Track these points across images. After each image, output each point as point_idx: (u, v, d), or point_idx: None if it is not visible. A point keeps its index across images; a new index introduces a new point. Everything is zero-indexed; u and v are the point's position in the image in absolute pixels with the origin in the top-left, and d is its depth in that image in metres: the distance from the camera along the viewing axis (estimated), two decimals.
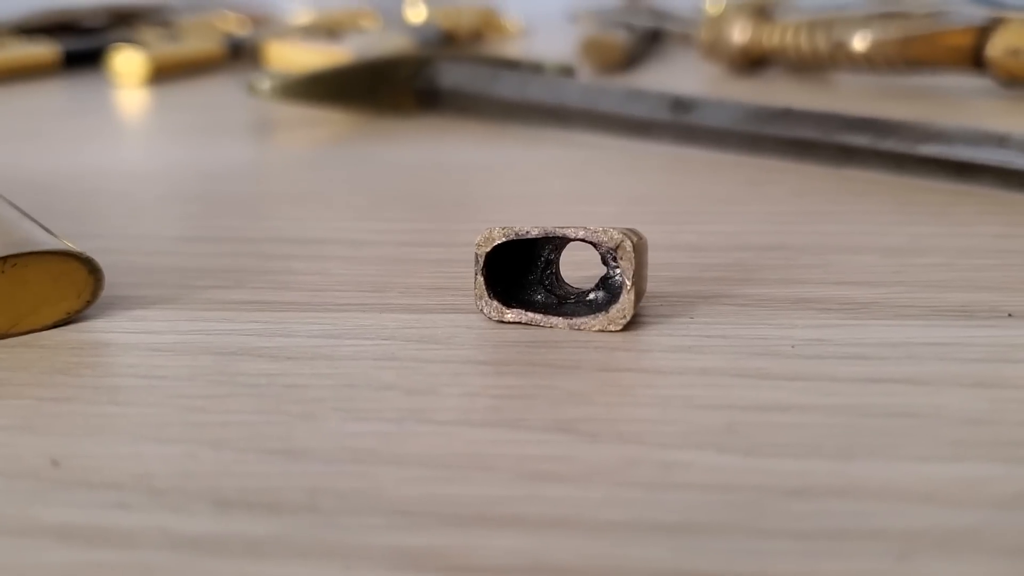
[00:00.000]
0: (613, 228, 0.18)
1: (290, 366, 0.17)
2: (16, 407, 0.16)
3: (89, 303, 0.19)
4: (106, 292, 0.20)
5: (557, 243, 0.19)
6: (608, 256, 0.19)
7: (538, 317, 0.19)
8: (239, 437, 0.15)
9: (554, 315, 0.19)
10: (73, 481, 0.13)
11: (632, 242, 0.18)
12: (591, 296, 0.19)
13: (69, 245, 0.19)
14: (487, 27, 0.80)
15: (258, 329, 0.19)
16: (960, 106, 0.43)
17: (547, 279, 0.19)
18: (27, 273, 0.18)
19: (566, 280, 0.20)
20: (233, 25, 0.77)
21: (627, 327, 0.18)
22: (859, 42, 0.47)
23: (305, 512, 0.13)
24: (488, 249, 0.18)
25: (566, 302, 0.19)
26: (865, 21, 0.48)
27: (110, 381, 0.16)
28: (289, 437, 0.14)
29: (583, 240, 0.18)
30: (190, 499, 0.13)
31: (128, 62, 0.57)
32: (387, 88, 0.42)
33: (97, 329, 0.19)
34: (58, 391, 0.16)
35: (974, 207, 0.26)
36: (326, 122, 0.42)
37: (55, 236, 0.19)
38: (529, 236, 0.18)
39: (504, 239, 0.18)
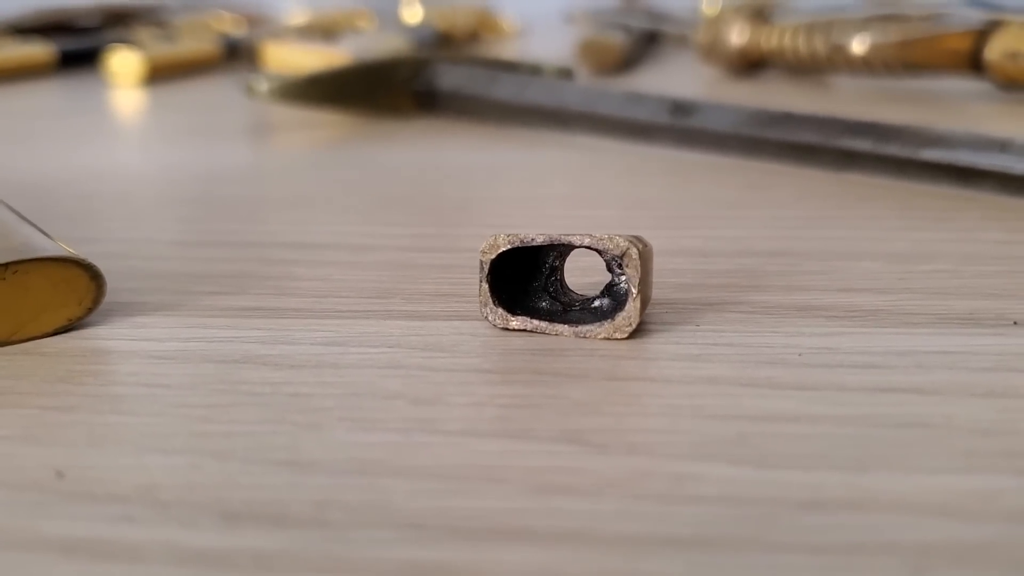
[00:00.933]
0: (619, 235, 0.18)
1: (294, 374, 0.17)
2: (18, 416, 0.15)
3: (90, 310, 0.19)
4: (106, 298, 0.20)
5: (562, 250, 0.19)
6: (613, 263, 0.18)
7: (543, 325, 0.18)
8: (244, 447, 0.14)
9: (559, 323, 0.18)
10: (78, 493, 0.13)
11: (638, 250, 0.18)
12: (596, 303, 0.19)
13: (70, 251, 0.19)
14: (483, 28, 0.80)
15: (261, 336, 0.18)
16: (958, 110, 0.43)
17: (552, 286, 0.19)
18: (28, 280, 0.18)
19: (571, 287, 0.20)
20: (229, 25, 0.77)
21: (633, 335, 0.18)
22: (857, 45, 0.47)
23: (313, 525, 0.12)
24: (493, 256, 0.18)
25: (571, 309, 0.19)
26: (863, 24, 0.48)
27: (113, 390, 0.16)
28: (295, 448, 0.14)
29: (588, 247, 0.18)
30: (196, 512, 0.13)
31: (124, 62, 0.57)
32: (385, 90, 0.42)
33: (99, 336, 0.19)
34: (60, 400, 0.16)
35: (977, 212, 0.26)
36: (324, 124, 0.42)
37: (55, 241, 0.19)
38: (534, 243, 0.18)
39: (509, 246, 0.18)
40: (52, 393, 0.16)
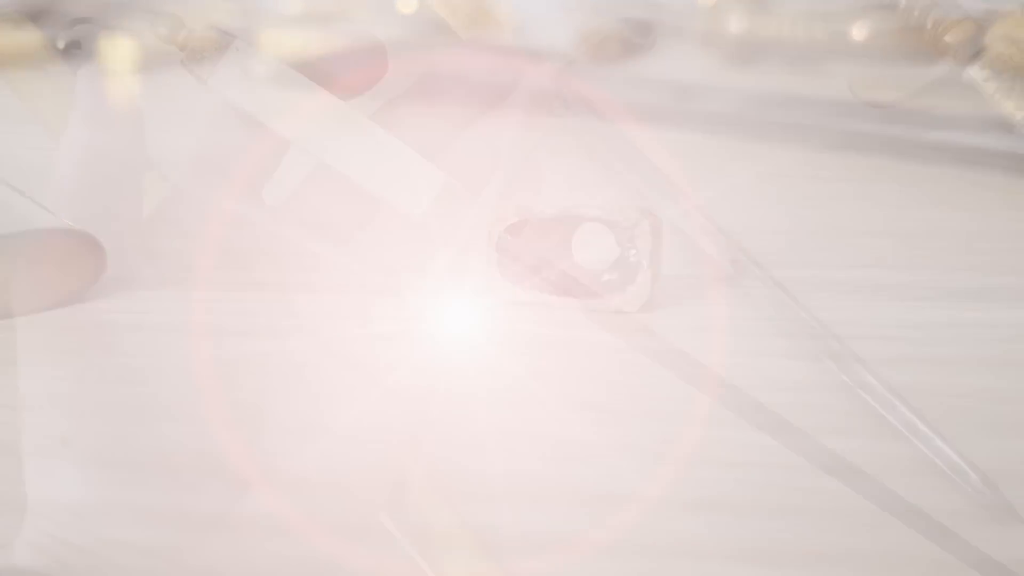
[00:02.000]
0: (630, 208, 0.18)
1: (298, 345, 0.17)
2: (23, 387, 0.15)
3: (92, 283, 0.19)
4: (108, 272, 0.19)
5: (572, 223, 0.19)
6: (624, 237, 0.18)
7: (553, 298, 0.18)
8: (251, 417, 0.14)
9: (569, 295, 0.18)
10: (85, 460, 0.13)
11: (649, 223, 0.17)
12: (606, 277, 0.19)
13: (72, 224, 0.18)
14: (481, 16, 0.80)
15: (264, 309, 0.18)
16: (959, 96, 0.43)
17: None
18: (30, 253, 0.18)
19: (581, 260, 0.19)
20: (223, 13, 0.76)
21: (643, 307, 0.18)
22: (857, 32, 0.47)
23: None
24: (502, 228, 0.18)
25: (581, 282, 0.19)
26: (863, 11, 0.48)
27: (117, 360, 0.16)
28: (306, 415, 0.14)
29: (599, 220, 0.18)
30: (205, 478, 0.13)
31: (119, 49, 0.56)
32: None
33: (101, 309, 0.18)
34: (64, 371, 0.16)
35: (982, 192, 0.26)
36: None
37: (56, 216, 0.19)
38: (544, 216, 0.18)
39: (518, 219, 0.18)
40: (56, 364, 0.16)
